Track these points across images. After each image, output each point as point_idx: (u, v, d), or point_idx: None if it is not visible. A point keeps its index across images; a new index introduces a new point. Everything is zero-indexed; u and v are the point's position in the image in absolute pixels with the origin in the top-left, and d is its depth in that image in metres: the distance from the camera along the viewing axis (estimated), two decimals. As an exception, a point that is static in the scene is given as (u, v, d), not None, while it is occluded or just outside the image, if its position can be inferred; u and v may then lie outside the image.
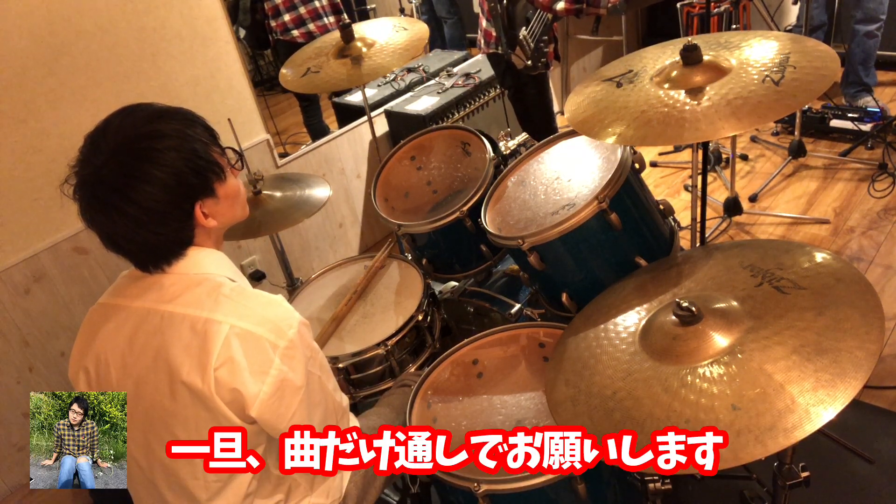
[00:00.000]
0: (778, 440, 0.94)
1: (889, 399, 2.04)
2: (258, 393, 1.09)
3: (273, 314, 1.13)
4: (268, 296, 1.16)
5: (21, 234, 2.32)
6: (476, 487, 1.24)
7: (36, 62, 2.25)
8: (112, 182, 1.06)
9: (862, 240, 2.70)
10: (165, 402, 1.13)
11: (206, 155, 1.12)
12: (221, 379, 1.09)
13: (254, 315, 1.11)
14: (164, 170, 1.07)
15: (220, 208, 1.17)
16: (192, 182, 1.11)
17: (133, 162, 1.06)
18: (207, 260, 1.17)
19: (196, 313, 1.11)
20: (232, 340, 1.09)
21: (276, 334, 1.11)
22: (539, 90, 2.71)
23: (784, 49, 1.38)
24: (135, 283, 1.19)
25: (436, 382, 1.56)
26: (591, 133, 1.42)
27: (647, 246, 1.58)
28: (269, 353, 1.10)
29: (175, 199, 1.09)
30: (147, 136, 1.08)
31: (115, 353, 1.18)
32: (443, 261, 2.02)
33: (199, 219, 1.13)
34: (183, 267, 1.16)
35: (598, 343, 1.30)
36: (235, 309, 1.11)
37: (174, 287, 1.15)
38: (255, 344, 1.09)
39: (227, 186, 1.18)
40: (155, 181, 1.06)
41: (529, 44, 2.40)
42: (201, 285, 1.14)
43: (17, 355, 2.39)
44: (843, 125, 3.35)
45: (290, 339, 1.11)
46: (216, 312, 1.10)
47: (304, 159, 3.09)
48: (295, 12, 3.27)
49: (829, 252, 1.23)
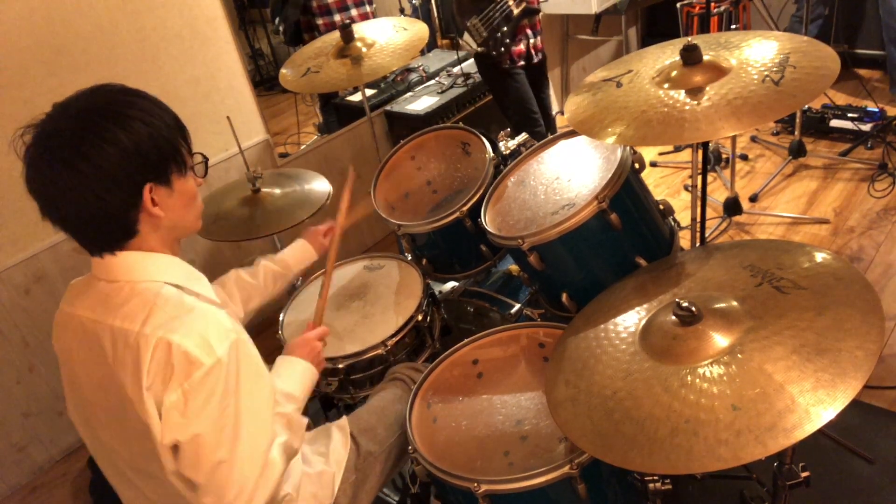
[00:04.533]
0: (778, 440, 0.94)
1: (889, 399, 2.04)
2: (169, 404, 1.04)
3: (204, 328, 1.07)
4: (207, 309, 1.11)
5: (21, 234, 2.32)
6: (476, 487, 1.24)
7: (36, 62, 2.25)
8: (71, 136, 1.03)
9: (862, 240, 2.70)
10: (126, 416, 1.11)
11: (171, 140, 1.12)
12: (154, 397, 1.05)
13: (184, 327, 1.06)
14: (127, 135, 1.05)
15: (172, 203, 1.14)
16: (150, 158, 1.08)
17: (99, 120, 1.05)
18: (153, 265, 1.14)
19: (129, 327, 1.07)
20: (158, 354, 1.04)
21: (203, 350, 1.05)
22: (512, 84, 2.78)
23: (784, 49, 1.38)
24: (85, 291, 1.16)
25: (436, 382, 1.56)
26: (591, 133, 1.42)
27: (647, 246, 1.58)
28: (192, 367, 1.04)
29: (128, 167, 1.06)
30: (119, 102, 1.08)
31: (80, 363, 1.16)
32: (442, 261, 2.02)
33: (146, 202, 1.09)
34: (124, 272, 1.12)
35: (598, 343, 1.30)
36: (167, 320, 1.06)
37: (116, 297, 1.11)
38: (180, 357, 1.04)
39: (185, 184, 1.16)
40: (115, 142, 1.04)
41: (481, 31, 2.54)
42: (140, 295, 1.10)
43: (17, 355, 2.39)
44: (843, 125, 3.35)
45: (217, 357, 1.05)
46: (147, 325, 1.06)
47: (304, 159, 3.09)
48: (346, 13, 3.27)
49: (828, 252, 1.23)
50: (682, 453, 0.99)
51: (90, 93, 1.09)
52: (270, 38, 3.91)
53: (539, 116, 2.87)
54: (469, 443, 1.44)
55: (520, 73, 2.79)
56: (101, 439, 1.21)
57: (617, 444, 1.07)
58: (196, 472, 1.08)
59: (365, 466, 1.45)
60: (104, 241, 1.12)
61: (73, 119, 1.05)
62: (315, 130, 3.60)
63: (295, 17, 3.29)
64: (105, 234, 1.11)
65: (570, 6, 3.78)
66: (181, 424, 1.05)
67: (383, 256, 2.07)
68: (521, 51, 2.76)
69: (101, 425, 1.18)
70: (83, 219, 1.07)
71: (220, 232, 2.11)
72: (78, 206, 1.05)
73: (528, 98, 2.82)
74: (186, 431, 1.05)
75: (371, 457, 1.47)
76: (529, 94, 2.83)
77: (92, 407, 1.18)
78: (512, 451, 1.39)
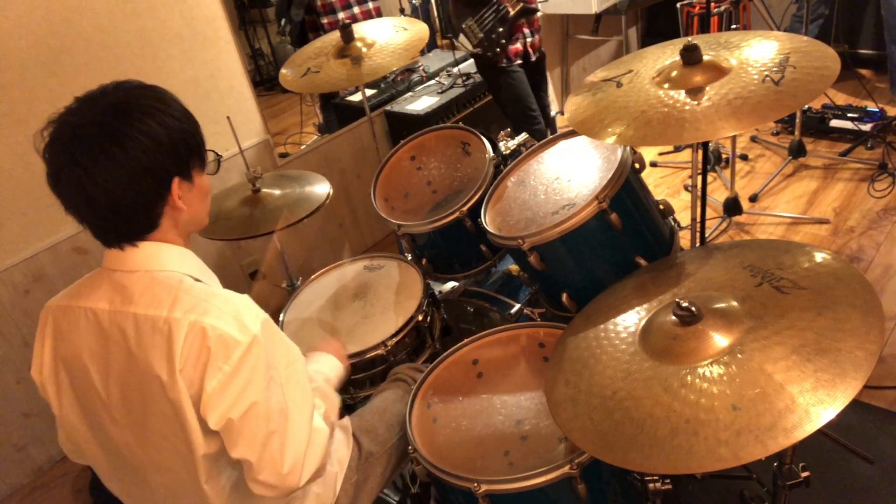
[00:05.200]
0: (778, 440, 0.94)
1: (889, 399, 2.04)
2: (211, 390, 1.06)
3: (234, 309, 1.09)
4: (231, 293, 1.14)
5: (21, 234, 2.32)
6: (476, 487, 1.24)
7: (36, 62, 2.25)
8: (106, 126, 1.04)
9: (862, 240, 2.70)
10: (147, 404, 1.12)
11: (196, 135, 1.14)
12: (186, 379, 1.07)
13: (215, 309, 1.08)
14: (161, 129, 1.07)
15: (192, 198, 1.16)
16: (181, 152, 1.11)
17: (134, 112, 1.06)
18: (170, 256, 1.15)
19: (156, 313, 1.08)
20: (191, 338, 1.06)
21: (238, 329, 1.07)
22: (509, 82, 2.80)
23: (784, 49, 1.37)
24: (98, 284, 1.17)
25: (436, 382, 1.56)
26: (591, 133, 1.42)
27: (647, 246, 1.58)
28: (230, 348, 1.06)
29: (162, 159, 1.08)
30: (152, 97, 1.10)
31: (92, 357, 1.15)
32: (443, 261, 2.02)
33: (174, 195, 1.11)
34: (144, 262, 1.13)
35: (598, 343, 1.30)
36: (195, 304, 1.08)
37: (135, 287, 1.12)
38: (216, 339, 1.06)
39: (203, 180, 1.19)
40: (150, 133, 1.06)
41: (476, 33, 2.56)
42: (161, 283, 1.11)
43: (17, 355, 2.39)
44: (843, 125, 3.35)
45: (253, 335, 1.08)
46: (175, 310, 1.08)
47: (304, 159, 3.09)
48: (349, 11, 3.27)
49: (828, 252, 1.23)
50: (682, 453, 0.99)
51: (116, 87, 1.10)
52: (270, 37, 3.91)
53: (538, 114, 2.87)
54: (469, 443, 1.44)
55: (517, 71, 2.79)
56: (113, 438, 1.20)
57: (617, 444, 1.07)
58: (250, 448, 1.09)
59: (366, 467, 1.45)
60: (128, 232, 1.12)
61: (105, 111, 1.06)
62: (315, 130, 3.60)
63: (300, 16, 3.29)
64: (130, 225, 1.12)
65: (570, 6, 3.78)
66: (232, 402, 1.07)
67: (383, 256, 2.07)
68: (518, 49, 2.76)
69: (113, 422, 1.18)
70: (113, 209, 1.08)
71: (220, 231, 2.12)
72: (110, 196, 1.06)
73: (525, 95, 2.82)
74: (239, 407, 1.07)
75: (372, 457, 1.46)
76: (527, 92, 2.83)
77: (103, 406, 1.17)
78: (512, 451, 1.39)
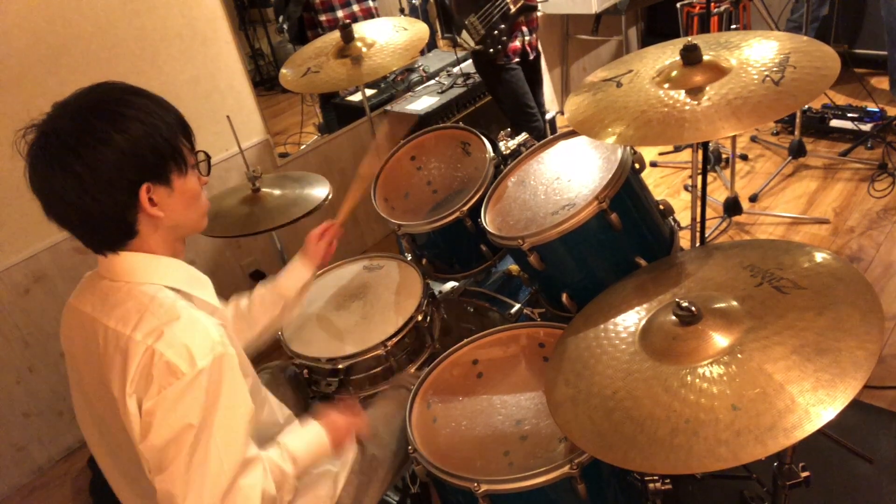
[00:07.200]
0: (778, 440, 0.94)
1: (889, 399, 2.04)
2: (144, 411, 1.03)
3: (190, 338, 1.05)
4: (197, 319, 1.09)
5: (21, 234, 2.32)
6: (476, 487, 1.24)
7: (36, 62, 2.25)
8: (67, 136, 1.03)
9: (862, 240, 2.70)
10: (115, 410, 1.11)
11: (170, 139, 1.10)
12: (135, 402, 1.04)
13: (172, 336, 1.04)
14: (122, 136, 1.04)
15: (173, 203, 1.12)
16: (147, 159, 1.07)
17: (94, 121, 1.04)
18: (154, 267, 1.13)
19: (122, 330, 1.07)
20: (143, 361, 1.03)
21: (186, 360, 1.03)
22: (507, 79, 2.80)
23: (784, 49, 1.37)
24: (91, 286, 1.17)
25: (436, 382, 1.56)
26: (591, 133, 1.42)
27: (647, 246, 1.58)
28: (171, 376, 1.02)
29: (124, 168, 1.05)
30: (116, 101, 1.07)
31: (79, 356, 1.18)
32: (442, 261, 2.02)
33: (144, 203, 1.08)
34: (124, 274, 1.12)
35: (598, 343, 1.30)
36: (156, 327, 1.05)
37: (114, 297, 1.11)
38: (161, 365, 1.02)
39: (187, 183, 1.14)
40: (111, 143, 1.03)
41: (479, 29, 2.57)
42: (135, 298, 1.10)
43: (17, 355, 2.39)
44: (842, 125, 3.35)
45: (199, 369, 1.03)
46: (137, 330, 1.05)
47: (304, 159, 3.09)
48: (348, 8, 3.27)
49: (828, 252, 1.23)
50: (682, 453, 0.99)
51: (88, 92, 1.08)
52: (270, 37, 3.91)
53: (536, 112, 2.88)
54: (469, 443, 1.44)
55: (515, 69, 2.80)
56: (112, 431, 1.20)
57: (617, 444, 1.07)
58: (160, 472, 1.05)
59: (369, 470, 1.44)
60: (104, 241, 1.12)
61: (69, 119, 1.05)
62: (315, 130, 3.60)
63: (298, 13, 3.29)
64: (104, 235, 1.11)
65: (570, 6, 3.78)
66: (157, 427, 1.03)
67: (383, 256, 2.07)
68: (517, 47, 2.77)
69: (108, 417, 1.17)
70: (81, 219, 1.07)
71: (219, 229, 2.12)
72: (75, 207, 1.05)
73: (523, 93, 2.83)
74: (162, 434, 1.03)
75: (375, 461, 1.46)
76: (525, 90, 2.84)
77: (96, 401, 1.18)
78: (512, 451, 1.39)
